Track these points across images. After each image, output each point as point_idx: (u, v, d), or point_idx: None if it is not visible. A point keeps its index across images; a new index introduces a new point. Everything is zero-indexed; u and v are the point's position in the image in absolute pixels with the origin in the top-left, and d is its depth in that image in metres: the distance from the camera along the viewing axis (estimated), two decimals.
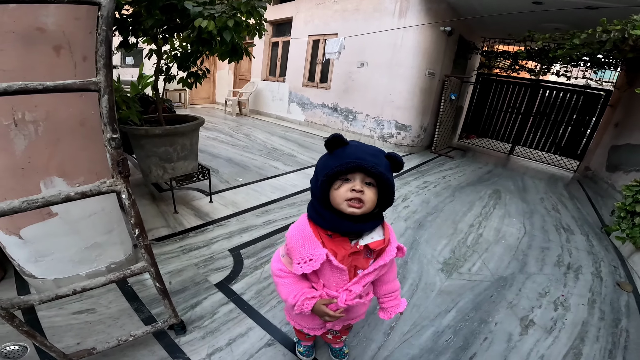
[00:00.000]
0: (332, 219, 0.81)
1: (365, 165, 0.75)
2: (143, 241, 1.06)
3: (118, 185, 0.97)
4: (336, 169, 0.76)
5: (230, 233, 2.24)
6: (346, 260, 0.85)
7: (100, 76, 0.89)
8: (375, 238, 0.85)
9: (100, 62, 0.87)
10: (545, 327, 1.66)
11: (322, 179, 0.78)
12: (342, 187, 0.78)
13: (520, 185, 4.17)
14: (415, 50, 4.91)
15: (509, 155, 6.00)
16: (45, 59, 1.17)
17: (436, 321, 1.62)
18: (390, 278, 0.98)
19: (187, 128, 2.27)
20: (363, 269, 0.87)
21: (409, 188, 3.59)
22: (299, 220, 0.88)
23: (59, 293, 1.01)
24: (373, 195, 0.79)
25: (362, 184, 0.78)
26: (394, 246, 0.87)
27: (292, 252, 0.86)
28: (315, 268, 0.81)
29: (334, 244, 0.84)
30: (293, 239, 0.85)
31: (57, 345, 1.29)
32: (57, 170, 1.34)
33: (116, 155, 0.95)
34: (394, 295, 1.01)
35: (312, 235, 0.82)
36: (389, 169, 0.81)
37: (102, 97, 0.90)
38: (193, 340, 1.37)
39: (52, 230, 1.41)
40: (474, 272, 2.09)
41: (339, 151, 0.80)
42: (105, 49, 0.87)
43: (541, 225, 2.96)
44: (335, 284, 0.88)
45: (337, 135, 0.79)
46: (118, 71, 5.66)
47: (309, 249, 0.81)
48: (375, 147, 0.84)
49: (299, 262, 0.82)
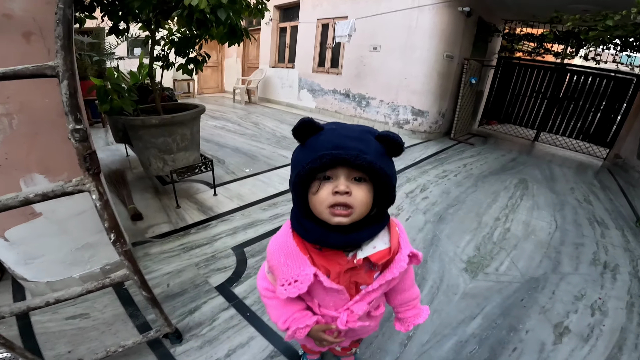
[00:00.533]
0: (315, 230, 0.61)
1: (347, 156, 0.53)
2: (121, 247, 0.92)
3: (86, 183, 0.83)
4: (308, 167, 0.55)
5: (235, 229, 2.11)
6: (343, 277, 0.66)
7: (58, 59, 0.75)
8: (379, 247, 0.64)
9: (57, 44, 0.74)
10: (582, 334, 1.47)
11: (294, 180, 0.59)
12: (321, 189, 0.57)
13: (548, 174, 3.87)
14: (432, 32, 4.62)
15: (534, 142, 5.65)
16: (14, 47, 1.07)
17: (459, 329, 1.45)
18: (406, 286, 0.79)
19: (185, 117, 2.12)
20: (366, 284, 0.69)
21: (428, 177, 3.37)
22: (281, 230, 0.69)
23: (31, 305, 0.89)
24: (365, 195, 0.58)
25: (348, 182, 0.57)
26: (405, 253, 0.65)
27: (273, 271, 0.69)
28: (302, 291, 0.62)
29: (325, 260, 0.65)
30: (273, 256, 0.67)
31: (49, 352, 1.22)
32: (38, 167, 1.23)
33: (82, 149, 0.81)
34: (412, 304, 0.82)
35: (296, 250, 0.64)
36: (382, 155, 0.58)
37: (61, 83, 0.77)
38: (190, 351, 1.25)
39: (38, 231, 1.31)
40: (501, 272, 1.89)
41: (312, 140, 0.59)
42: (63, 29, 0.74)
43: (573, 218, 2.70)
44: (333, 303, 0.71)
45: (305, 120, 0.58)
46: (124, 62, 5.56)
47: (293, 267, 0.63)
48: (360, 127, 0.61)
49: (282, 284, 0.64)
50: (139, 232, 2.00)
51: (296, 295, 0.63)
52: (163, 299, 1.49)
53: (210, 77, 8.78)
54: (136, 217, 2.13)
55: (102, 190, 0.85)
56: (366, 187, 0.58)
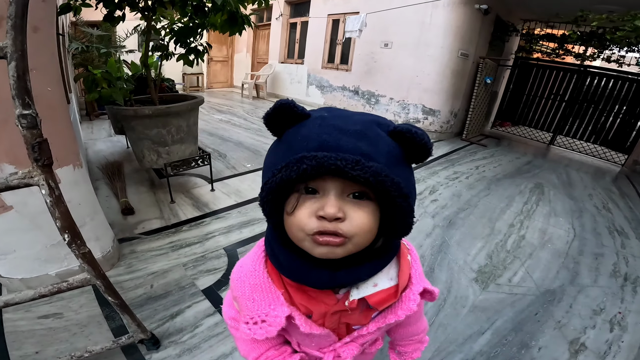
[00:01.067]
0: (291, 264, 0.43)
1: (341, 164, 0.33)
2: (78, 249, 0.80)
3: (34, 176, 0.72)
4: (278, 176, 0.36)
5: (229, 227, 2.00)
6: (329, 319, 0.49)
7: (7, 40, 0.66)
8: (382, 285, 0.46)
9: (8, 23, 0.66)
10: (599, 351, 1.35)
11: (262, 195, 0.39)
12: (299, 208, 0.38)
13: (565, 179, 3.65)
14: (446, 29, 4.44)
15: (549, 145, 5.41)
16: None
17: (466, 346, 1.31)
18: (412, 320, 0.62)
19: (181, 107, 2.01)
20: (360, 325, 0.52)
21: (437, 179, 3.19)
22: (251, 253, 0.51)
23: None
24: (366, 220, 0.38)
25: (341, 202, 0.37)
26: (416, 291, 0.47)
27: (238, 302, 0.51)
28: (271, 335, 0.45)
29: (305, 297, 0.47)
30: (237, 285, 0.49)
31: (16, 352, 1.13)
32: (7, 157, 1.13)
33: (30, 136, 0.70)
34: (416, 338, 0.66)
35: (266, 282, 0.47)
36: (398, 160, 0.38)
37: (9, 64, 0.68)
38: (166, 359, 1.14)
39: (9, 226, 1.22)
40: (515, 283, 1.73)
41: (291, 133, 0.40)
42: (17, 8, 0.65)
43: (592, 226, 2.51)
44: (315, 344, 0.55)
45: (283, 102, 0.39)
46: (134, 55, 5.51)
47: (261, 304, 0.46)
48: (365, 116, 0.41)
49: (246, 322, 0.47)
50: (128, 228, 1.90)
51: (263, 337, 0.46)
52: (144, 301, 1.39)
53: (219, 71, 8.72)
54: (127, 212, 2.04)
55: (54, 184, 0.74)
56: (369, 208, 0.38)
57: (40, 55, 1.12)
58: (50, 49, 1.21)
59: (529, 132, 5.66)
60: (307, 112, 0.41)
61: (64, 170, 1.26)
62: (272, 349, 0.57)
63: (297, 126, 0.40)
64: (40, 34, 1.14)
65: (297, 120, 0.40)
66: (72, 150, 1.32)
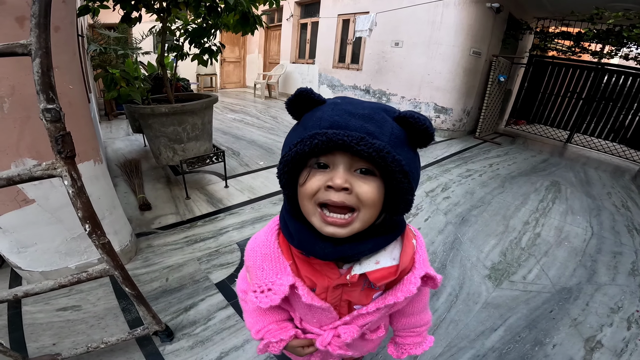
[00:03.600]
0: (300, 235, 0.47)
1: (347, 139, 0.38)
2: (98, 240, 0.83)
3: (57, 168, 0.75)
4: (294, 150, 0.40)
5: (243, 223, 2.03)
6: (331, 293, 0.52)
7: (32, 37, 0.70)
8: (383, 263, 0.48)
9: (32, 22, 0.69)
10: (615, 349, 1.32)
11: (279, 167, 0.44)
12: (312, 179, 0.42)
13: (583, 177, 3.55)
14: (458, 28, 4.39)
15: (566, 144, 5.27)
16: (8, 32, 1.01)
17: (477, 342, 1.30)
18: (415, 309, 0.63)
19: (196, 106, 2.05)
20: (361, 305, 0.54)
21: (450, 176, 3.15)
22: (266, 226, 0.56)
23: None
24: (372, 193, 0.41)
25: (349, 174, 0.41)
26: (418, 275, 0.50)
27: (249, 272, 0.56)
28: (274, 303, 0.49)
29: (311, 270, 0.51)
30: (250, 255, 0.54)
31: (34, 344, 1.17)
32: (30, 151, 1.18)
33: (54, 130, 0.73)
34: (417, 330, 0.66)
35: (276, 252, 0.51)
36: (402, 142, 0.42)
37: (33, 61, 0.72)
38: (179, 350, 1.17)
39: (31, 219, 1.26)
40: (529, 280, 1.69)
41: (308, 115, 0.45)
42: (40, 7, 0.69)
43: (611, 225, 2.43)
44: (317, 320, 0.58)
45: (303, 90, 0.44)
46: (151, 56, 5.65)
47: (269, 273, 0.51)
48: (374, 103, 0.44)
49: (254, 290, 0.51)
50: (146, 223, 1.95)
51: (267, 306, 0.50)
52: (160, 294, 1.43)
53: (232, 72, 8.84)
54: (144, 207, 2.09)
55: (76, 175, 0.77)
56: (374, 183, 0.41)
57: (61, 53, 1.16)
58: (71, 48, 1.26)
59: (545, 130, 5.53)
60: (322, 99, 0.45)
61: (84, 165, 1.31)
62: (274, 324, 0.60)
63: (313, 110, 0.45)
64: (61, 33, 1.18)
65: (314, 105, 0.45)
66: (93, 146, 1.36)
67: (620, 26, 3.79)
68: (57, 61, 0.93)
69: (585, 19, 4.02)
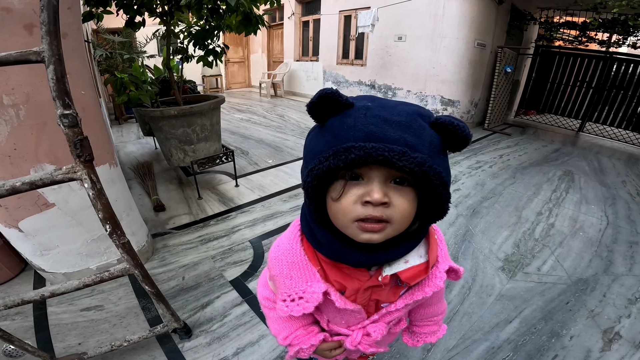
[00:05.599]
0: (331, 244, 0.45)
1: (389, 155, 0.35)
2: (119, 240, 0.86)
3: (77, 171, 0.77)
4: (326, 164, 0.37)
5: (254, 220, 2.05)
6: (361, 295, 0.52)
7: (43, 44, 0.71)
8: (412, 262, 0.48)
9: (42, 29, 0.70)
10: (634, 340, 1.30)
11: (306, 179, 0.41)
12: (345, 195, 0.40)
13: (597, 166, 3.48)
14: (461, 20, 4.34)
15: (578, 133, 5.17)
16: (16, 39, 1.04)
17: (492, 334, 1.30)
18: (434, 300, 0.65)
19: (204, 107, 2.08)
20: (389, 302, 0.54)
21: (460, 168, 3.13)
22: (287, 232, 0.54)
23: (25, 298, 0.86)
24: (408, 206, 0.40)
25: (385, 187, 0.39)
26: (442, 269, 0.50)
27: (275, 281, 0.54)
28: (308, 311, 0.48)
29: (340, 274, 0.50)
30: (275, 264, 0.52)
31: (60, 344, 1.21)
32: (48, 157, 1.21)
33: (72, 135, 0.75)
34: (434, 319, 0.67)
35: (303, 260, 0.49)
36: (438, 150, 0.40)
37: (47, 68, 0.73)
38: (197, 347, 1.20)
39: (52, 222, 1.30)
40: (544, 272, 1.68)
41: (335, 122, 0.40)
42: (48, 15, 0.70)
43: (626, 214, 2.38)
44: (345, 321, 0.58)
45: (328, 92, 0.39)
46: (156, 60, 5.72)
47: (299, 281, 0.49)
48: (408, 106, 0.41)
49: (284, 299, 0.50)
50: (160, 223, 2.00)
51: (300, 314, 0.49)
52: (177, 292, 1.46)
53: (237, 72, 8.88)
54: (159, 208, 2.13)
55: (95, 178, 0.79)
56: (409, 194, 0.40)
57: (71, 59, 1.18)
58: (80, 54, 1.28)
59: (556, 120, 5.43)
60: (350, 101, 0.41)
61: (100, 169, 1.34)
62: (301, 329, 0.59)
63: (342, 115, 0.40)
64: (70, 39, 1.19)
65: (341, 109, 0.40)
66: (108, 150, 1.40)
67: (626, 15, 3.69)
68: (68, 67, 0.95)
69: (589, 8, 3.92)
